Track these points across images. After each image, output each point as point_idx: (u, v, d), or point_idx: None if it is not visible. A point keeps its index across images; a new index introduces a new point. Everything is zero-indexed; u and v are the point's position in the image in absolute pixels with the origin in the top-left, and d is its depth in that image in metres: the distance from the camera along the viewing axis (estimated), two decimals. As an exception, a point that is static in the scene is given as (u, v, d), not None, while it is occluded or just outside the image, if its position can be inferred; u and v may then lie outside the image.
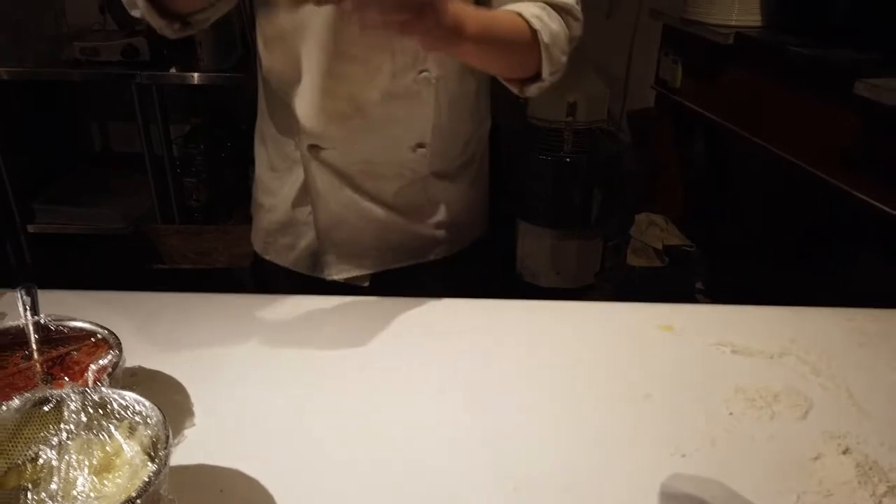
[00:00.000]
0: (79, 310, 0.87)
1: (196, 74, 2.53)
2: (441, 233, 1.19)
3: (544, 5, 0.99)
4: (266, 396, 0.84)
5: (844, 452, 0.75)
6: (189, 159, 2.85)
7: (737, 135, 2.02)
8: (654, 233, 2.36)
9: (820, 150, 1.71)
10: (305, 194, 1.14)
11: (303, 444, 0.77)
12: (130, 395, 0.66)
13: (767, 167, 2.30)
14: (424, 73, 1.04)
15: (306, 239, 1.18)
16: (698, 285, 2.40)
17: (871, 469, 0.73)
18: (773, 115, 1.88)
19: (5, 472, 0.64)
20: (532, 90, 1.02)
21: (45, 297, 0.85)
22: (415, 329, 0.98)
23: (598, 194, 2.41)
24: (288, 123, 1.10)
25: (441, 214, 1.18)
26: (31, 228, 2.77)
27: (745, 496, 0.70)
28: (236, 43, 2.61)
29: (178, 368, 0.88)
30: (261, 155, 1.22)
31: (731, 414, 0.82)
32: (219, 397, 0.84)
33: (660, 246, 2.34)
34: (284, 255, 1.21)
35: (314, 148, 1.09)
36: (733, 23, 2.02)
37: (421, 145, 1.10)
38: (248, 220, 3.19)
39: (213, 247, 2.68)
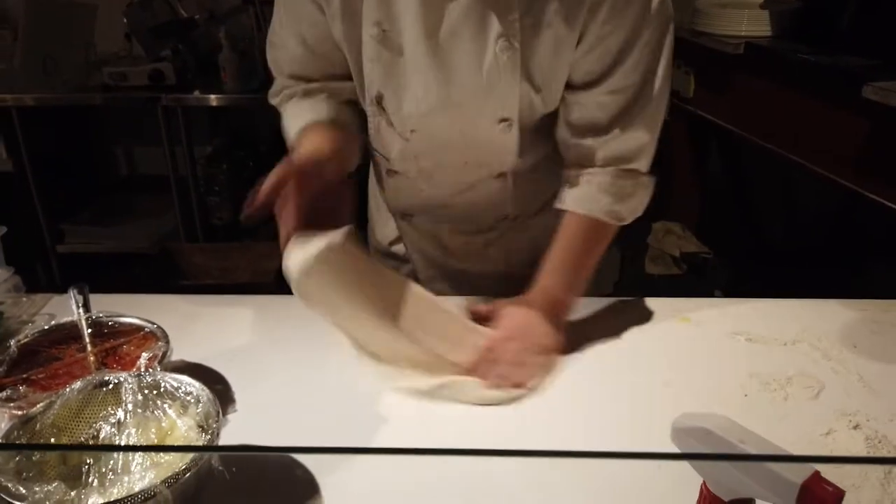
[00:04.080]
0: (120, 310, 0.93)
1: (220, 96, 2.62)
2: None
3: (615, 175, 0.97)
4: (303, 384, 0.90)
5: (855, 428, 0.79)
6: (212, 179, 2.93)
7: (750, 141, 2.05)
8: (671, 241, 2.39)
9: (832, 154, 1.74)
10: (400, 240, 1.21)
11: (341, 427, 0.82)
12: (182, 377, 0.72)
13: (781, 172, 2.33)
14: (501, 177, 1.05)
15: (406, 268, 1.23)
16: (717, 293, 2.42)
17: (880, 442, 0.76)
18: (784, 121, 1.92)
19: (68, 448, 0.69)
20: None
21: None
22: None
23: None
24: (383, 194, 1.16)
25: (540, 249, 1.07)
26: (60, 249, 2.85)
27: (761, 469, 0.73)
28: (258, 67, 2.70)
29: (217, 361, 0.94)
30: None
31: (746, 396, 0.86)
32: (258, 386, 0.89)
33: (677, 254, 2.37)
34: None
35: (406, 215, 1.15)
36: (743, 33, 2.07)
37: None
38: (270, 237, 3.23)
39: (236, 264, 2.75)
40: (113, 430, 0.68)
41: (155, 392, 0.70)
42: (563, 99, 0.97)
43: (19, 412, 0.68)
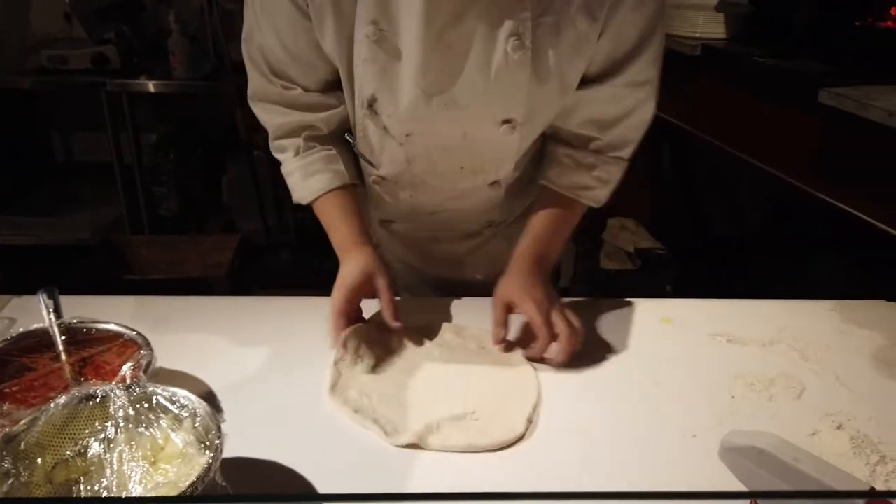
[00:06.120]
0: (88, 314, 0.88)
1: (168, 82, 2.52)
2: None
3: (605, 160, 1.02)
4: (286, 389, 0.87)
5: (838, 428, 0.81)
6: (159, 168, 2.82)
7: (704, 141, 2.11)
8: (625, 236, 2.44)
9: (784, 155, 1.80)
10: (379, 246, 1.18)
11: (329, 431, 0.80)
12: (175, 389, 0.68)
13: (733, 172, 2.40)
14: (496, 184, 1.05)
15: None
16: (667, 288, 2.48)
17: (863, 442, 0.79)
18: (739, 122, 1.97)
19: (52, 467, 0.65)
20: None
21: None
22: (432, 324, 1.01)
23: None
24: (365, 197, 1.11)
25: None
26: (-5, 240, 2.70)
27: (753, 471, 0.75)
28: (209, 52, 2.61)
29: (197, 368, 0.90)
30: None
31: (733, 398, 0.88)
32: (242, 393, 0.86)
33: (632, 249, 2.41)
34: None
35: (385, 222, 1.12)
36: (698, 35, 2.11)
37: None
38: (221, 229, 3.12)
39: (185, 257, 2.65)
40: (102, 447, 0.64)
41: (146, 405, 0.66)
42: (575, 98, 0.97)
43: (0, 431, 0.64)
